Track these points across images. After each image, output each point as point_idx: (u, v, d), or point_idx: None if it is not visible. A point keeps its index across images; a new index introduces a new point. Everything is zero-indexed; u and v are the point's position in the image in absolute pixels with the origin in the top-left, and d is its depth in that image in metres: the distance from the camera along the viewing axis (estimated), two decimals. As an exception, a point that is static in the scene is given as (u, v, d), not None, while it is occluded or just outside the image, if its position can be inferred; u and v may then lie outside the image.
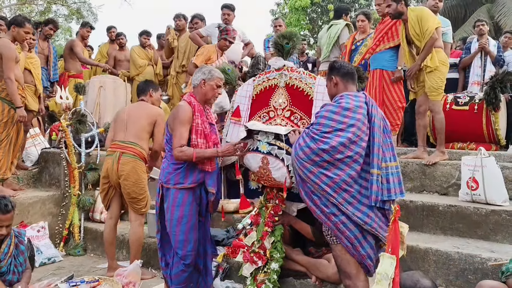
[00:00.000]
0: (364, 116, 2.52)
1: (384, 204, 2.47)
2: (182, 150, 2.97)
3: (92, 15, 18.13)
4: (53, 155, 5.19)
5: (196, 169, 3.05)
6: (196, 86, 3.15)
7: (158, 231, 3.25)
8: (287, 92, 3.25)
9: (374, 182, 2.43)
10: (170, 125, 3.08)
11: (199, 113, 3.06)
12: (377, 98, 5.08)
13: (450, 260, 3.11)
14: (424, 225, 3.64)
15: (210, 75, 3.12)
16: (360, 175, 2.48)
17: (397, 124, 5.14)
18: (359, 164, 2.46)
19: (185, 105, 3.05)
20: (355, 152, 2.45)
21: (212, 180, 3.10)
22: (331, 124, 2.49)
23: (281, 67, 3.32)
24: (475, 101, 4.91)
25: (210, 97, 3.16)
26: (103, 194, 4.01)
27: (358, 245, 2.50)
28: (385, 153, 2.52)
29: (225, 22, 6.18)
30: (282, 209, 3.22)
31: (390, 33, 5.07)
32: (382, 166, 2.47)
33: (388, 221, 2.45)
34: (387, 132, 2.59)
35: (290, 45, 3.34)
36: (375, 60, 5.19)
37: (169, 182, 3.06)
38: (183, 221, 3.02)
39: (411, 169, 4.24)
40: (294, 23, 16.75)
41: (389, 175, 2.48)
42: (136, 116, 3.91)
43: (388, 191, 2.46)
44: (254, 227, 3.33)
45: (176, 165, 3.06)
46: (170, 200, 3.05)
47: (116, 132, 3.95)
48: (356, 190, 2.46)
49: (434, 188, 4.11)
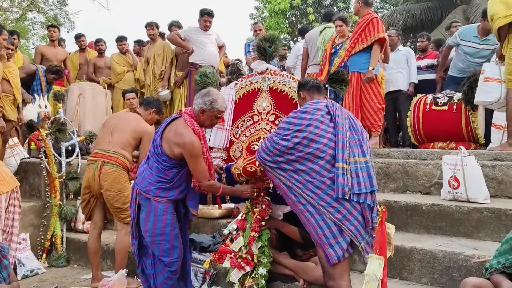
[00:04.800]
0: (322, 116, 2.68)
1: (358, 198, 2.55)
2: (211, 184, 2.98)
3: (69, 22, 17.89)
4: (32, 165, 5.09)
5: (179, 187, 3.02)
6: (196, 110, 3.02)
7: (135, 237, 3.18)
8: (270, 95, 3.26)
9: (340, 175, 2.54)
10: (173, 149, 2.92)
11: (203, 140, 2.99)
12: (356, 101, 5.13)
13: (435, 258, 3.14)
14: (408, 225, 3.67)
15: (210, 107, 2.96)
16: (325, 169, 2.59)
17: (379, 126, 5.21)
18: (322, 159, 2.59)
19: (196, 140, 2.90)
20: (315, 148, 2.59)
21: (194, 201, 3.10)
22: (290, 127, 2.67)
23: (264, 71, 3.33)
24: (453, 101, 4.99)
25: (207, 125, 3.09)
26: (84, 204, 3.92)
27: (322, 233, 2.56)
28: (353, 148, 2.64)
29: (205, 29, 6.19)
30: (268, 213, 3.21)
31: (364, 34, 5.13)
32: (350, 161, 2.60)
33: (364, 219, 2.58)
34: (355, 130, 2.72)
35: (273, 48, 3.35)
36: (352, 63, 5.25)
37: (149, 193, 3.00)
38: (167, 230, 2.98)
39: (394, 170, 4.28)
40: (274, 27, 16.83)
41: (358, 170, 2.59)
42: (123, 127, 3.84)
43: (358, 185, 2.56)
44: (241, 233, 3.31)
45: (161, 180, 2.98)
46: (151, 210, 2.99)
47: (99, 140, 3.88)
48: (320, 181, 2.57)
49: (417, 188, 4.15)
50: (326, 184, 2.56)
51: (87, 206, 3.91)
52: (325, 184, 2.56)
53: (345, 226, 2.54)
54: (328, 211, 2.53)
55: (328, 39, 5.90)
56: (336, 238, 2.55)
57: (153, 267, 3.08)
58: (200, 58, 6.11)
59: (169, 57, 6.64)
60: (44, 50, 6.96)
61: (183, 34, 6.18)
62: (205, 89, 3.09)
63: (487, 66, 4.55)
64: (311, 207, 2.59)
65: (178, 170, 2.99)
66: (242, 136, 3.30)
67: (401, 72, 6.15)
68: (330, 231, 2.55)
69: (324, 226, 2.55)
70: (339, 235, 2.55)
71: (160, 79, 6.63)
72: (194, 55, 6.15)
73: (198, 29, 6.23)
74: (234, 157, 3.35)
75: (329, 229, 2.55)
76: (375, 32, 5.05)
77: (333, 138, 2.64)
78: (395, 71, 6.14)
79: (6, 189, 3.63)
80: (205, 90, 3.09)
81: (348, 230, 2.54)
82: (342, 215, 2.54)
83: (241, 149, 3.32)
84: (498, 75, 4.39)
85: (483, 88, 4.45)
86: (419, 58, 6.66)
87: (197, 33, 6.17)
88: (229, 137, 3.42)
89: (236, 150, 3.33)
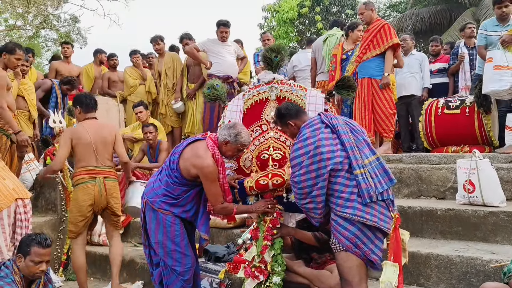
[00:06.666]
0: (322, 132, 2.72)
1: (382, 196, 2.61)
2: (224, 207, 3.03)
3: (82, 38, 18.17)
4: (48, 180, 5.16)
5: (184, 206, 3.05)
6: (220, 140, 3.07)
7: (146, 246, 3.21)
8: (278, 104, 3.25)
9: (361, 181, 2.59)
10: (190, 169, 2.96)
11: (221, 167, 3.03)
12: (367, 107, 5.12)
13: (452, 264, 3.10)
14: (424, 230, 3.64)
15: (235, 139, 3.03)
16: (347, 178, 2.63)
17: (391, 131, 5.18)
18: (341, 170, 2.63)
19: (213, 165, 2.95)
20: (332, 163, 2.62)
21: (205, 226, 3.13)
22: (301, 160, 2.70)
23: (271, 80, 3.34)
24: (466, 104, 4.94)
25: (228, 156, 3.15)
26: (82, 223, 3.83)
27: (360, 243, 2.57)
28: (363, 150, 2.70)
29: (222, 39, 6.20)
30: (280, 222, 3.21)
31: (375, 40, 5.13)
32: (365, 163, 2.65)
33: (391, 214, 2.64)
34: (356, 132, 2.78)
35: (279, 58, 3.37)
36: (362, 69, 5.23)
37: (154, 204, 3.04)
38: (177, 240, 3.03)
39: (407, 175, 4.24)
40: (282, 36, 16.88)
41: (374, 169, 2.66)
42: (103, 139, 3.89)
43: (380, 184, 2.63)
44: (254, 242, 3.32)
45: (167, 194, 3.03)
46: (160, 222, 3.03)
47: (84, 156, 3.83)
48: (348, 192, 2.61)
49: (431, 193, 4.12)
50: (354, 193, 2.60)
51: (85, 224, 3.88)
52: (353, 193, 2.60)
53: (384, 227, 2.58)
54: (365, 219, 2.55)
55: (332, 47, 5.90)
56: (373, 242, 2.59)
57: (166, 277, 3.10)
58: (218, 68, 6.09)
59: (178, 69, 6.68)
60: (58, 66, 7.09)
61: (201, 46, 6.19)
62: (232, 122, 3.18)
63: (495, 54, 4.45)
64: (342, 219, 2.61)
65: (186, 189, 3.04)
66: (251, 146, 3.29)
67: (414, 76, 6.14)
68: (366, 238, 2.58)
69: (360, 235, 2.57)
70: (374, 238, 2.59)
71: (173, 92, 6.67)
72: (212, 67, 6.11)
73: (215, 40, 6.24)
74: (244, 166, 3.35)
75: (365, 236, 2.58)
76: (388, 38, 5.05)
77: (342, 148, 2.68)
78: (408, 75, 6.12)
79: (6, 204, 3.55)
80: (231, 122, 3.18)
81: (386, 229, 2.59)
82: (378, 218, 2.58)
83: (251, 159, 3.32)
84: (506, 62, 4.30)
85: (494, 77, 4.36)
86: (431, 62, 6.63)
87: (215, 44, 6.17)
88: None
89: (246, 160, 3.33)
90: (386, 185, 2.65)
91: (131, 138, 6.03)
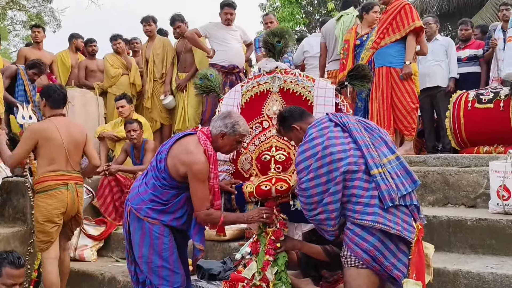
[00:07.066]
0: (332, 131, 2.74)
1: (404, 201, 2.62)
2: (209, 214, 2.99)
3: (55, 20, 18.20)
4: (16, 185, 5.17)
5: (174, 213, 3.04)
6: (214, 133, 3.07)
7: (131, 262, 3.21)
8: (282, 98, 3.28)
9: (380, 182, 2.59)
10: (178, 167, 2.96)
11: (213, 165, 3.02)
12: (385, 100, 5.12)
13: (484, 282, 3.10)
14: (452, 244, 3.65)
15: (232, 130, 3.02)
16: (365, 180, 2.64)
17: (413, 128, 5.17)
18: (357, 172, 2.63)
19: (204, 162, 2.94)
20: (345, 164, 2.62)
21: (200, 235, 3.12)
22: (308, 163, 2.70)
23: (273, 70, 3.34)
24: (500, 97, 4.93)
25: (225, 151, 3.15)
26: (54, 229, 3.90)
27: (381, 256, 2.56)
28: (380, 148, 2.72)
29: (226, 23, 6.18)
30: (284, 233, 3.20)
31: (395, 23, 5.09)
32: (383, 162, 2.67)
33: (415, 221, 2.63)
34: (371, 129, 2.81)
35: (282, 43, 3.35)
36: (380, 56, 5.23)
37: (140, 211, 3.03)
38: (165, 254, 3.02)
39: (432, 180, 4.25)
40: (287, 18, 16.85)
41: (394, 169, 2.68)
42: (74, 140, 3.96)
43: (402, 185, 2.64)
44: (254, 257, 3.29)
45: (155, 199, 3.02)
46: (146, 233, 3.02)
47: (53, 159, 3.87)
48: (367, 196, 2.60)
49: (460, 200, 4.13)
50: (374, 196, 2.60)
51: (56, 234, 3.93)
52: (373, 197, 2.59)
53: (408, 236, 2.57)
54: (388, 227, 2.54)
55: (347, 26, 5.87)
56: (396, 255, 2.59)
57: None
58: (221, 57, 6.10)
59: (169, 57, 6.67)
60: (27, 52, 7.08)
61: (203, 31, 6.18)
62: (225, 111, 3.16)
63: None
64: (359, 229, 2.61)
65: (177, 192, 3.04)
66: (251, 145, 3.32)
67: (439, 65, 6.13)
68: (388, 250, 2.58)
69: (381, 247, 2.57)
70: (397, 251, 2.59)
71: (161, 83, 6.68)
72: (214, 55, 6.14)
73: (219, 24, 6.23)
74: (242, 169, 3.36)
75: (387, 248, 2.57)
76: (409, 21, 5.02)
77: (356, 146, 2.69)
78: (432, 64, 6.11)
79: None
80: (225, 111, 3.16)
81: (411, 239, 2.56)
82: (401, 226, 2.57)
83: (250, 160, 3.33)
84: None
85: None
86: (459, 48, 6.60)
87: (218, 29, 6.18)
88: (236, 147, 3.43)
89: (245, 161, 3.34)
90: (410, 187, 2.66)
91: (112, 136, 6.00)
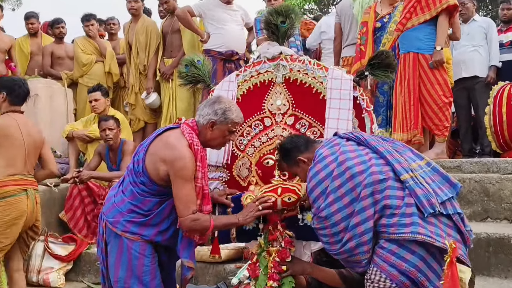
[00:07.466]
0: (344, 145, 2.77)
1: (444, 209, 2.59)
2: (195, 218, 2.91)
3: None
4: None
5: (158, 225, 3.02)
6: (201, 124, 3.04)
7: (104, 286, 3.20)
8: (287, 90, 3.26)
9: (414, 187, 2.58)
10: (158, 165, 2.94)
11: (200, 162, 2.98)
12: (412, 93, 5.10)
13: (530, 313, 3.15)
14: (492, 266, 3.70)
15: (223, 118, 2.99)
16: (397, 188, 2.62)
17: (445, 127, 5.15)
18: (385, 180, 2.63)
19: (190, 157, 2.91)
20: (368, 175, 2.62)
21: (189, 250, 3.06)
22: (324, 185, 2.70)
23: (276, 56, 3.31)
24: (549, 90, 4.96)
25: (215, 145, 3.11)
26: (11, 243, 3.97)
27: (424, 278, 2.53)
28: (405, 154, 2.77)
29: (226, 1, 6.23)
30: (291, 253, 3.14)
31: (424, 1, 5.07)
32: (413, 166, 2.68)
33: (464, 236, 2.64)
34: (388, 140, 2.91)
35: (288, 24, 3.33)
36: (405, 41, 5.22)
37: (116, 225, 2.99)
38: (145, 278, 2.99)
39: (468, 189, 4.28)
40: (294, -6, 16.92)
41: (427, 174, 2.69)
42: (33, 141, 4.07)
43: (441, 190, 2.64)
44: (253, 282, 3.26)
45: (134, 210, 2.99)
46: (123, 252, 2.99)
47: (12, 161, 3.94)
48: (404, 205, 2.57)
49: (502, 214, 4.17)
50: (411, 204, 2.57)
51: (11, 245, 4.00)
52: (410, 205, 2.57)
53: None
54: (432, 239, 2.50)
55: (367, 3, 5.86)
56: (441, 277, 2.53)
57: None
58: (218, 42, 6.14)
59: (153, 43, 6.71)
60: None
61: (197, 9, 6.23)
62: (213, 96, 3.17)
63: None
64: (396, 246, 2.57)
65: (159, 200, 3.00)
66: (249, 148, 3.30)
67: (477, 51, 6.17)
68: (431, 270, 2.55)
69: (424, 266, 2.54)
70: (441, 272, 2.52)
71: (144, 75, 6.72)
72: (210, 39, 6.18)
73: (217, 2, 6.26)
74: (239, 176, 3.34)
75: (430, 268, 2.55)
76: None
77: (377, 156, 2.71)
78: (469, 49, 6.15)
79: None
80: (213, 97, 3.16)
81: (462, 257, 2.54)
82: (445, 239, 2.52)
83: (249, 166, 3.31)
84: None
85: None
86: (501, 31, 6.65)
87: (215, 8, 6.22)
88: (231, 150, 3.39)
89: (242, 167, 3.32)
90: (450, 192, 2.66)
91: (84, 136, 5.98)
